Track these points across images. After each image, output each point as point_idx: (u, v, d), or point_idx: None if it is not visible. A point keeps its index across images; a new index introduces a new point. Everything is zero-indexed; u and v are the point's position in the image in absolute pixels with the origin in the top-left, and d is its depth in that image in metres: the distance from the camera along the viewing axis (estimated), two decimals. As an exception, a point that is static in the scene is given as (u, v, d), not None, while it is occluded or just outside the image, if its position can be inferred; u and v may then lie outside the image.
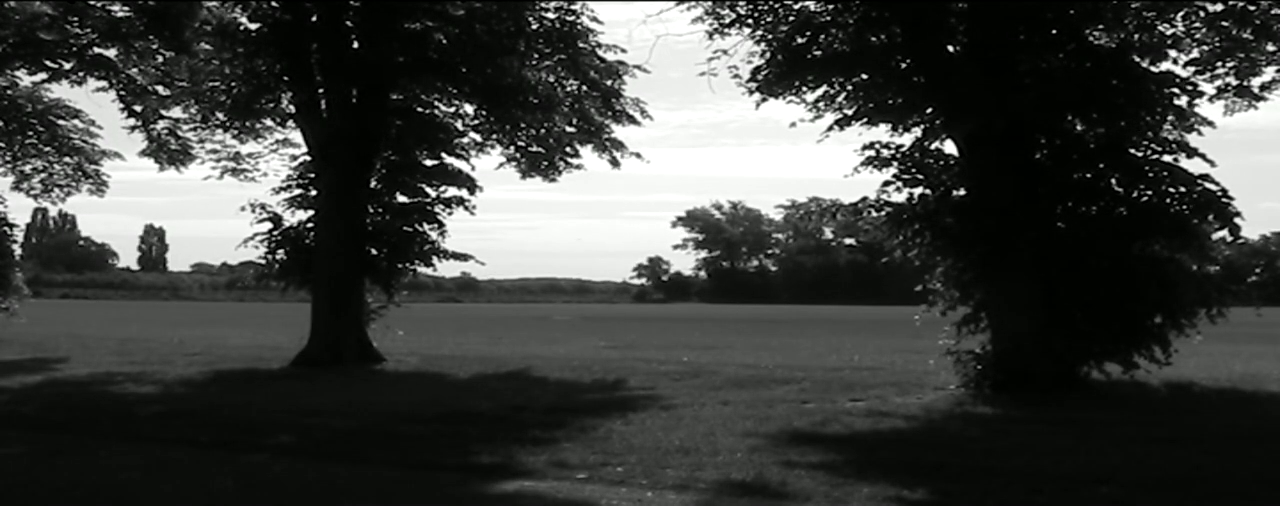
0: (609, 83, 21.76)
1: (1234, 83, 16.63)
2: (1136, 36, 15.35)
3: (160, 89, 23.91)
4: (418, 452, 9.48)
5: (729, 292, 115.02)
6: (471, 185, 22.63)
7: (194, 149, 25.05)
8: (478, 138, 23.23)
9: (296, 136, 22.08)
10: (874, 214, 15.57)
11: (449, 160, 22.82)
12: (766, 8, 15.73)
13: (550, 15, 20.92)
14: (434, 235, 22.39)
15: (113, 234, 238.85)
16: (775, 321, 48.97)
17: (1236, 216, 14.50)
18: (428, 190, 22.60)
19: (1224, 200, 14.40)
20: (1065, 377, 14.20)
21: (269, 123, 22.58)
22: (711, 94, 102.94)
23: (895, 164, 15.22)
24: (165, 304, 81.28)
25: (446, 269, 47.73)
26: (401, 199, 22.55)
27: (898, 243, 15.54)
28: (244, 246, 21.80)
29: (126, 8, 22.01)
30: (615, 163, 23.30)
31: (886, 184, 15.25)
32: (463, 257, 23.09)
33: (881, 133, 15.70)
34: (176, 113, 24.33)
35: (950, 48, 15.35)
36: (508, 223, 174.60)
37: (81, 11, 22.37)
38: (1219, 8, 15.47)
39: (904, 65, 15.25)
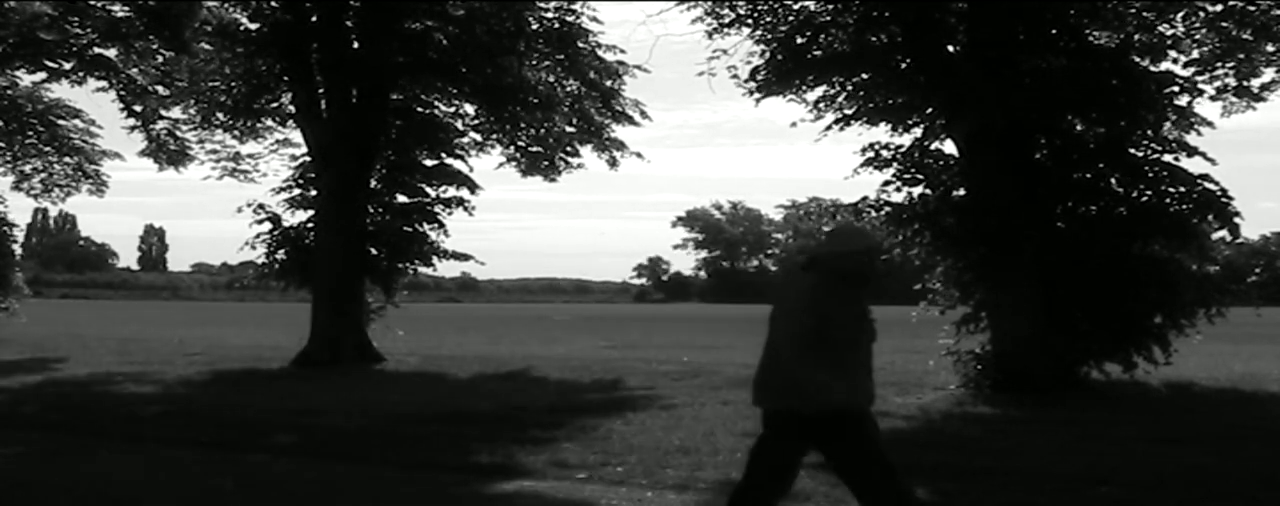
0: (608, 83, 21.79)
1: (1234, 83, 16.64)
2: (1136, 36, 15.35)
3: (160, 89, 23.91)
4: (418, 452, 9.47)
5: (729, 292, 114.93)
6: (471, 185, 22.66)
7: (193, 149, 25.08)
8: (478, 138, 23.29)
9: (296, 136, 22.12)
10: (874, 214, 15.57)
11: (449, 160, 22.86)
12: (766, 7, 15.74)
13: (550, 15, 20.94)
14: (434, 235, 22.43)
15: (113, 234, 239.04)
16: (775, 321, 48.87)
17: (1236, 216, 14.50)
18: (428, 190, 22.63)
19: (1224, 200, 14.40)
20: (1065, 377, 14.19)
21: (269, 123, 22.63)
22: (707, 95, 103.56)
23: (895, 164, 15.23)
24: (165, 304, 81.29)
25: (446, 269, 47.85)
26: (401, 199, 22.58)
27: (898, 242, 15.54)
28: (247, 248, 21.88)
29: (126, 8, 22.00)
30: (614, 163, 23.36)
31: (886, 184, 15.26)
32: (463, 257, 23.14)
33: (881, 133, 15.74)
34: (176, 113, 24.36)
35: (950, 47, 15.35)
36: (508, 223, 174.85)
37: (81, 11, 22.36)
38: (1219, 8, 15.47)
39: (904, 65, 15.25)
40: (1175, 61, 15.77)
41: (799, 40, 15.42)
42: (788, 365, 5.23)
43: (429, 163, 22.71)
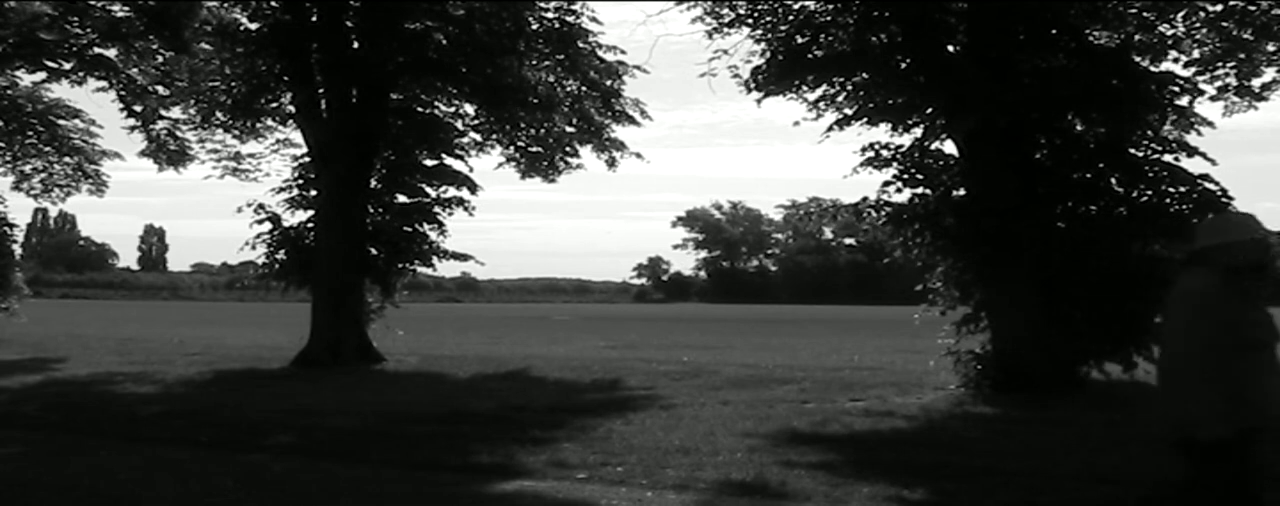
0: (608, 83, 21.79)
1: (1234, 83, 16.65)
2: (1136, 36, 15.36)
3: (160, 89, 23.92)
4: (418, 452, 9.48)
5: (729, 292, 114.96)
6: (471, 185, 22.65)
7: (193, 149, 25.11)
8: (478, 138, 23.28)
9: (296, 136, 22.12)
10: (874, 214, 15.57)
11: (449, 160, 22.86)
12: (766, 7, 15.75)
13: (550, 15, 20.94)
14: (434, 235, 22.43)
15: (113, 234, 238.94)
16: (775, 321, 48.96)
17: (1236, 217, 14.48)
18: (428, 190, 22.62)
19: (1224, 200, 14.39)
20: (1065, 377, 14.20)
21: (269, 123, 22.62)
22: (705, 95, 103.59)
23: (895, 164, 15.23)
24: (165, 304, 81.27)
25: (446, 269, 47.86)
26: (401, 199, 22.57)
27: (898, 243, 15.54)
28: (247, 248, 21.88)
29: (126, 8, 22.02)
30: (613, 163, 23.36)
31: (887, 184, 15.26)
32: (462, 257, 23.13)
33: (881, 133, 15.73)
34: (176, 113, 24.38)
35: (950, 47, 15.36)
36: (507, 223, 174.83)
37: (81, 11, 22.37)
38: (1219, 8, 15.48)
39: (904, 65, 15.25)
40: (1175, 61, 15.82)
41: (799, 40, 15.43)
42: (1177, 385, 4.64)
43: (429, 163, 22.70)
